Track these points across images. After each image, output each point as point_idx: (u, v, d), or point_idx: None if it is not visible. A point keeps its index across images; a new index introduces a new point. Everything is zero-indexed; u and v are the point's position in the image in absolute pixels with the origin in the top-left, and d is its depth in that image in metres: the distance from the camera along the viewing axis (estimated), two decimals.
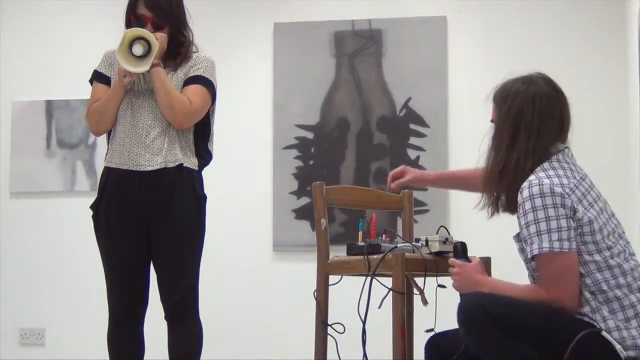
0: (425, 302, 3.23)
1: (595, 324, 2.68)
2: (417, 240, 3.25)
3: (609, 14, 5.42)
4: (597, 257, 2.71)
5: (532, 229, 2.71)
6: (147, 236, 3.47)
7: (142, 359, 3.57)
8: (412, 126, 5.52)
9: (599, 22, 5.45)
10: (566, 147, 2.88)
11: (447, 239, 3.17)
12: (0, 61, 5.92)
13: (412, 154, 5.50)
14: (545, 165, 2.80)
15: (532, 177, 2.76)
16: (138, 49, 3.41)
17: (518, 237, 2.84)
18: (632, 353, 2.65)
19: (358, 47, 5.63)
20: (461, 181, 3.41)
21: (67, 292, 5.68)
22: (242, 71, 5.71)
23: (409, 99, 5.55)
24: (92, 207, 3.54)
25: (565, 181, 2.75)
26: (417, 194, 4.73)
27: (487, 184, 2.91)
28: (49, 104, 5.83)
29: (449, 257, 3.18)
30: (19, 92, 5.88)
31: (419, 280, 3.25)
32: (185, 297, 3.47)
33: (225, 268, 5.47)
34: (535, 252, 2.71)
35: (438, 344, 3.01)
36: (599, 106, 5.40)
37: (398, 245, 3.19)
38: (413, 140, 5.52)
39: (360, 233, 3.30)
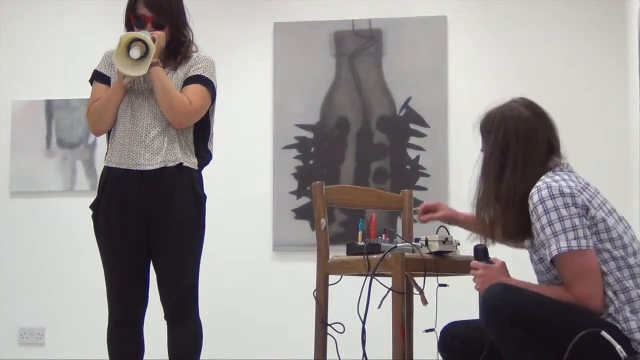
0: (425, 302, 3.23)
1: (617, 325, 2.69)
2: (417, 240, 3.25)
3: (609, 13, 5.42)
4: (617, 254, 2.73)
5: (548, 231, 2.73)
6: (147, 236, 3.47)
7: (142, 359, 3.57)
8: (412, 126, 5.52)
9: (599, 22, 5.44)
10: (565, 163, 2.92)
11: (447, 239, 3.17)
12: (0, 61, 5.92)
13: (412, 153, 5.50)
14: (550, 174, 2.84)
15: (539, 184, 2.79)
16: (135, 53, 3.39)
17: (534, 249, 2.85)
18: None
19: (358, 47, 5.63)
20: None
21: (67, 292, 5.68)
22: (242, 71, 5.71)
23: (409, 99, 5.55)
24: (92, 206, 3.54)
25: (572, 184, 2.78)
26: (417, 194, 4.72)
27: (479, 213, 2.94)
28: (49, 104, 5.83)
29: (449, 257, 3.19)
30: (19, 92, 5.87)
31: (419, 280, 3.25)
32: (185, 297, 3.47)
33: (225, 268, 5.47)
34: (555, 253, 2.72)
35: (454, 333, 3.01)
36: (599, 106, 5.40)
37: (398, 245, 3.19)
38: (413, 140, 5.52)
39: (360, 233, 3.30)
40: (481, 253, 2.97)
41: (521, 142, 2.87)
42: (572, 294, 2.71)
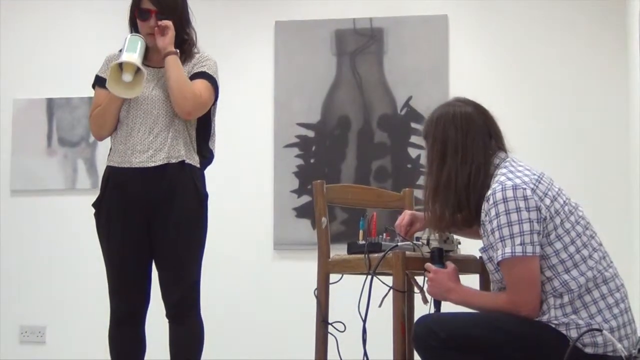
0: (425, 300, 3.23)
1: (557, 327, 2.72)
2: (418, 239, 3.25)
3: (609, 11, 5.41)
4: (564, 255, 2.75)
5: (497, 234, 2.76)
6: (149, 234, 3.47)
7: (143, 357, 3.57)
8: (413, 125, 5.52)
9: (600, 20, 5.44)
10: (509, 156, 2.94)
11: (447, 238, 3.17)
12: (1, 59, 5.92)
13: (412, 152, 5.50)
14: (503, 170, 2.85)
15: (495, 185, 2.81)
16: (127, 76, 3.40)
17: (483, 248, 2.88)
18: (589, 350, 2.70)
19: (359, 45, 5.63)
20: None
21: (68, 290, 5.68)
22: (244, 69, 5.71)
23: (410, 98, 5.55)
24: (94, 205, 3.55)
25: (526, 179, 2.80)
26: (417, 193, 4.71)
27: (426, 205, 2.98)
28: (50, 102, 5.83)
29: (449, 255, 3.19)
30: (20, 90, 5.88)
31: (420, 279, 3.25)
32: (186, 296, 3.47)
33: (225, 267, 5.46)
34: (499, 258, 2.76)
35: None
36: (599, 105, 5.39)
37: (399, 244, 3.19)
38: (414, 139, 5.51)
39: (361, 232, 3.30)
40: (436, 255, 3.03)
41: (459, 130, 2.92)
42: (508, 299, 2.77)
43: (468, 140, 2.90)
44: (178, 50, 3.52)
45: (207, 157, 3.61)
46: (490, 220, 2.78)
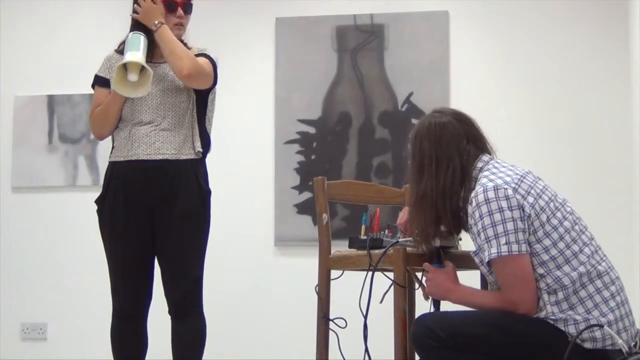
0: (426, 296, 3.24)
1: (555, 323, 2.72)
2: None
3: (611, 7, 5.40)
4: (554, 252, 2.75)
5: (482, 236, 2.77)
6: (151, 231, 3.48)
7: (145, 353, 3.58)
8: (413, 121, 5.51)
9: (601, 16, 5.43)
10: (493, 158, 2.94)
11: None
12: (2, 56, 5.92)
13: None
14: (485, 172, 2.85)
15: (477, 188, 2.81)
16: (133, 76, 3.39)
17: (475, 252, 2.88)
18: (588, 345, 2.70)
19: (360, 41, 5.63)
20: None
21: (69, 286, 5.69)
22: (244, 66, 5.71)
23: (410, 94, 5.54)
24: (97, 201, 3.55)
25: (508, 179, 2.80)
26: None
27: (410, 220, 3.01)
28: (51, 99, 5.83)
29: (450, 251, 3.19)
30: (21, 87, 5.87)
31: (421, 275, 3.25)
32: (189, 292, 3.47)
33: (226, 263, 5.47)
34: (487, 259, 2.77)
35: None
36: (600, 102, 5.38)
37: (400, 240, 3.19)
38: None
39: (363, 227, 3.30)
40: (433, 255, 3.03)
41: (432, 141, 2.92)
42: (503, 298, 2.78)
43: (442, 149, 2.91)
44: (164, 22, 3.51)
45: (207, 144, 3.60)
46: (475, 223, 2.79)
